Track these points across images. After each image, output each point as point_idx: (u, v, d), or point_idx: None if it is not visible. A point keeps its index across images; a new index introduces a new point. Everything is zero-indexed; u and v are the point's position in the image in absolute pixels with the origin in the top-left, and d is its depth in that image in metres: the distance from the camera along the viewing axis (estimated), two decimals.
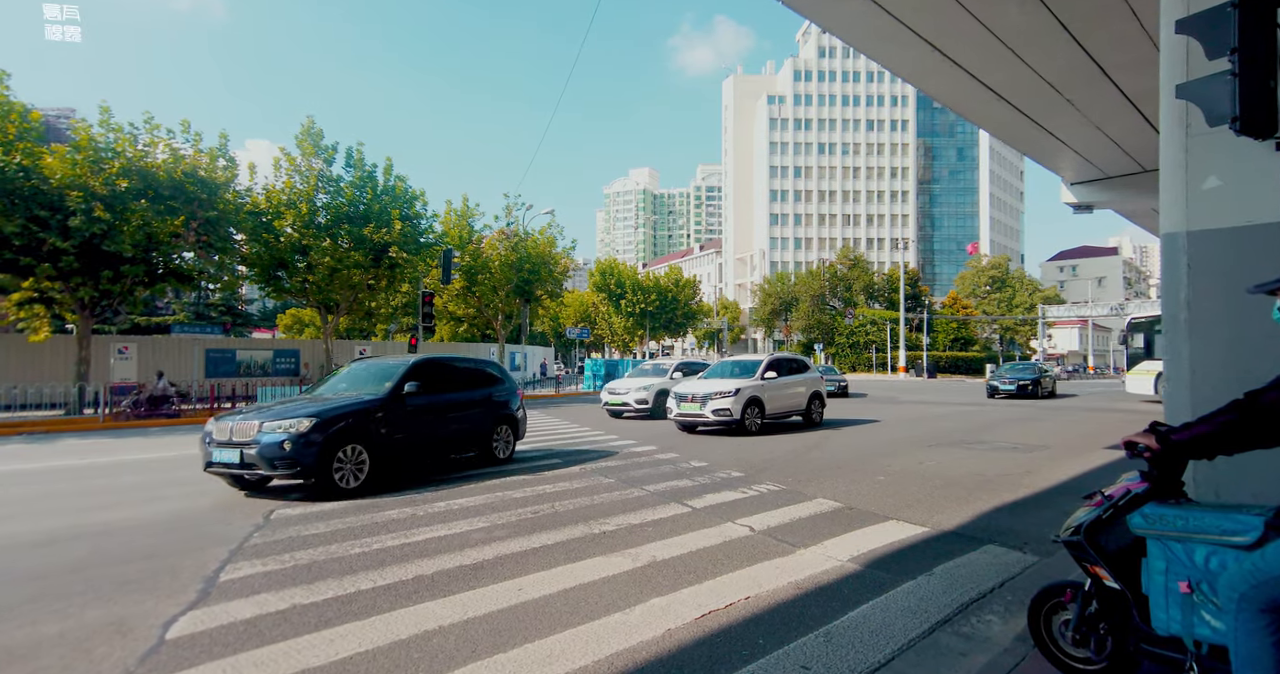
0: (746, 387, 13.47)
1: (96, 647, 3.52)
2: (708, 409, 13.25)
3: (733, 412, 13.07)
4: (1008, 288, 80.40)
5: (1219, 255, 3.94)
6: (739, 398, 13.18)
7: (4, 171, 16.44)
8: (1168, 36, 4.14)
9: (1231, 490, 3.76)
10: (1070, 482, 8.21)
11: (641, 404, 15.52)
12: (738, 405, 13.12)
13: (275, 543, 5.55)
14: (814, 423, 15.01)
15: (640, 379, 15.92)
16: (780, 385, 14.30)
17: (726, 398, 13.18)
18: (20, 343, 21.95)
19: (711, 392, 13.37)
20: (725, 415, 13.14)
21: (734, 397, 13.17)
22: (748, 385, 13.54)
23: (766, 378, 14.00)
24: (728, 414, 13.10)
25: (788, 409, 14.62)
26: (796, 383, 14.84)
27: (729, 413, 13.09)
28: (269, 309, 63.11)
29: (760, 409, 13.60)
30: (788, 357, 15.54)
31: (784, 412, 14.54)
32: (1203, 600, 2.32)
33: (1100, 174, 18.37)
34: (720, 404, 13.18)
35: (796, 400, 14.79)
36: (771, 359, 14.74)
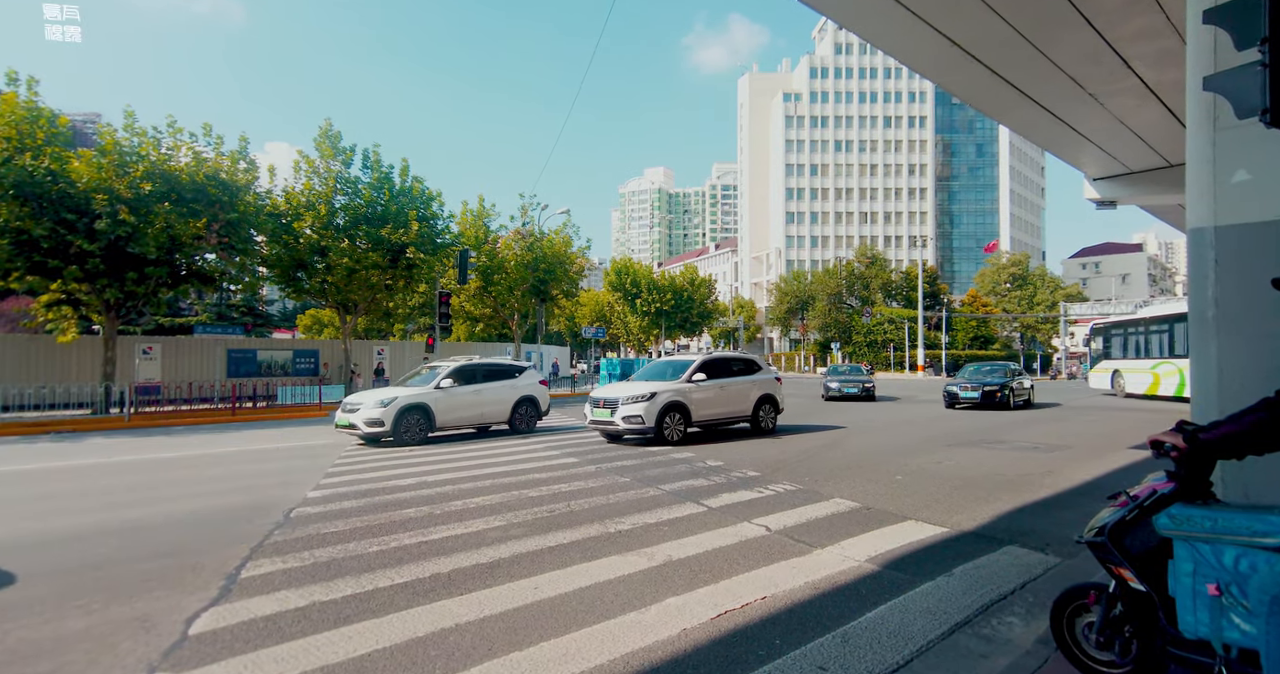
0: (666, 390, 11.96)
1: (121, 642, 3.59)
2: (619, 416, 11.71)
3: (644, 419, 11.55)
4: (1029, 285, 79.20)
5: (1248, 251, 3.84)
6: (654, 403, 11.66)
7: (33, 176, 16.80)
8: (1194, 27, 4.05)
9: (1262, 491, 3.67)
10: (1093, 482, 8.07)
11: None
12: (652, 412, 11.61)
13: (295, 541, 5.61)
14: (764, 430, 13.45)
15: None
16: (714, 388, 12.76)
17: (638, 403, 11.64)
18: (49, 343, 22.42)
19: (623, 396, 11.85)
20: (636, 423, 11.60)
21: (647, 402, 11.64)
22: (668, 389, 12.02)
23: (695, 380, 12.46)
24: (639, 421, 11.58)
25: (727, 415, 13.08)
26: (739, 385, 13.29)
27: (640, 420, 11.56)
28: (289, 310, 64.00)
29: (685, 416, 12.08)
30: (728, 356, 13.89)
31: (721, 418, 12.99)
32: (1232, 603, 2.27)
33: (1124, 169, 18.03)
34: (631, 410, 11.64)
35: (739, 405, 13.21)
36: (704, 359, 13.15)
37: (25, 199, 16.94)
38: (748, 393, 13.39)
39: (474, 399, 13.34)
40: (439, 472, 9.14)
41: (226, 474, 9.29)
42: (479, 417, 13.54)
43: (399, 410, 12.19)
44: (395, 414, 12.14)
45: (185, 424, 17.39)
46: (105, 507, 7.14)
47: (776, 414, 13.85)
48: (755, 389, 13.49)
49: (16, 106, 17.17)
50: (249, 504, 7.21)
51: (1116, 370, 25.31)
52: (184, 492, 8.01)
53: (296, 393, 23.81)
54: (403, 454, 11.07)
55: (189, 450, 12.04)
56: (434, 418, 12.61)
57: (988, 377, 20.47)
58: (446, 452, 11.29)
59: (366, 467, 9.72)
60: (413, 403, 12.37)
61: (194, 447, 12.59)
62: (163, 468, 9.98)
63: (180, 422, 17.69)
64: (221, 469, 9.75)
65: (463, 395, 13.16)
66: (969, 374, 21.38)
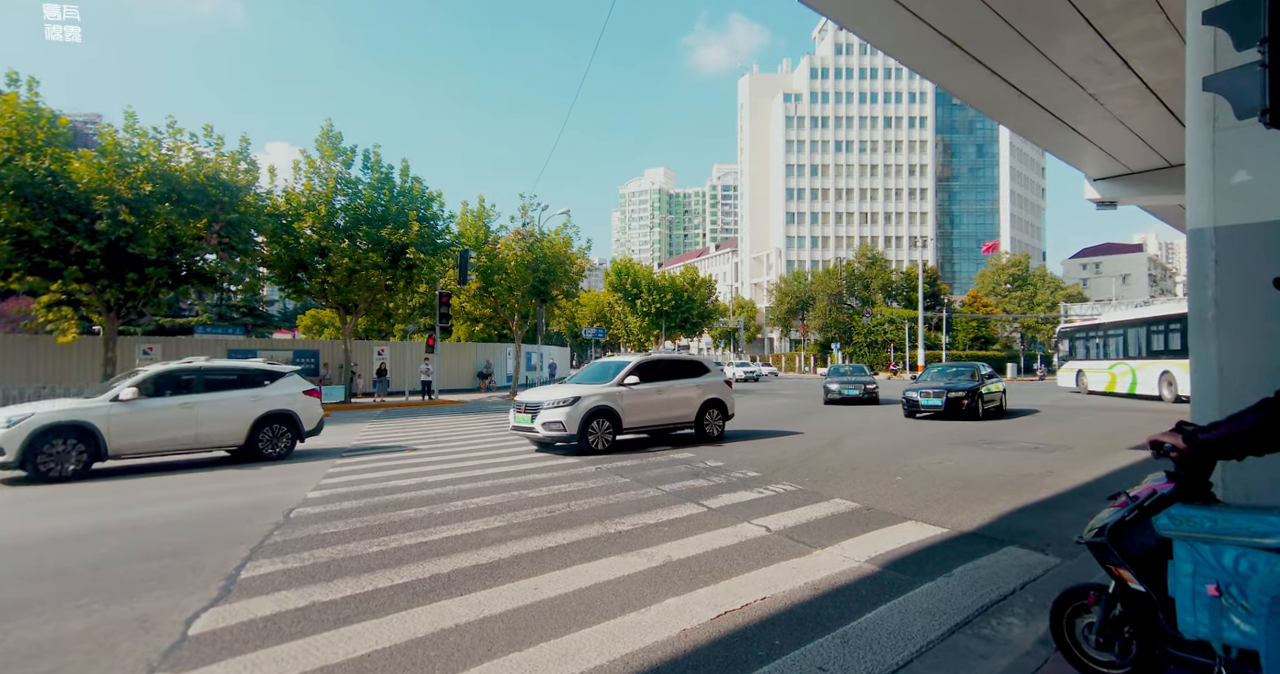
0: (592, 395, 11.05)
1: (121, 642, 3.59)
2: (539, 421, 10.79)
3: (565, 425, 10.62)
4: (1029, 286, 79.17)
5: (1248, 251, 3.84)
6: (577, 408, 10.74)
7: (33, 176, 16.82)
8: (1194, 28, 4.05)
9: (1262, 491, 3.67)
10: (1093, 482, 8.07)
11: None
12: (575, 417, 10.67)
13: (295, 541, 5.61)
14: (709, 438, 12.46)
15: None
16: (650, 392, 11.76)
17: (559, 408, 10.74)
18: (49, 344, 22.45)
19: (545, 400, 10.97)
20: (557, 430, 10.67)
21: (569, 407, 10.74)
22: (594, 393, 11.11)
23: (628, 383, 11.50)
24: (559, 428, 10.64)
25: (666, 420, 12.07)
26: (680, 388, 12.26)
27: (561, 427, 10.63)
28: (289, 310, 64.04)
29: (614, 422, 11.15)
30: (670, 358, 12.87)
31: (658, 424, 12.00)
32: (1232, 604, 2.27)
33: (1124, 169, 18.04)
34: (552, 416, 10.72)
35: (680, 410, 12.19)
36: (640, 361, 12.13)
37: (26, 200, 16.96)
38: (691, 397, 12.40)
39: (178, 417, 9.87)
40: (439, 472, 9.15)
41: (226, 474, 9.29)
42: (193, 439, 10.05)
43: None
44: None
45: None
46: (105, 507, 7.15)
47: (725, 420, 12.89)
48: (700, 393, 12.52)
49: (17, 107, 17.19)
50: (249, 504, 7.22)
51: (1080, 370, 27.51)
52: (183, 492, 8.01)
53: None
54: (403, 455, 11.07)
55: None
56: (103, 443, 9.21)
57: (953, 380, 17.48)
58: (428, 456, 11.28)
59: (367, 467, 9.73)
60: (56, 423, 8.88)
61: None
62: (163, 468, 9.98)
63: None
64: (220, 469, 9.74)
65: (157, 411, 9.74)
66: (932, 377, 18.56)
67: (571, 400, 10.84)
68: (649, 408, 11.79)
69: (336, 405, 23.54)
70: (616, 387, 11.45)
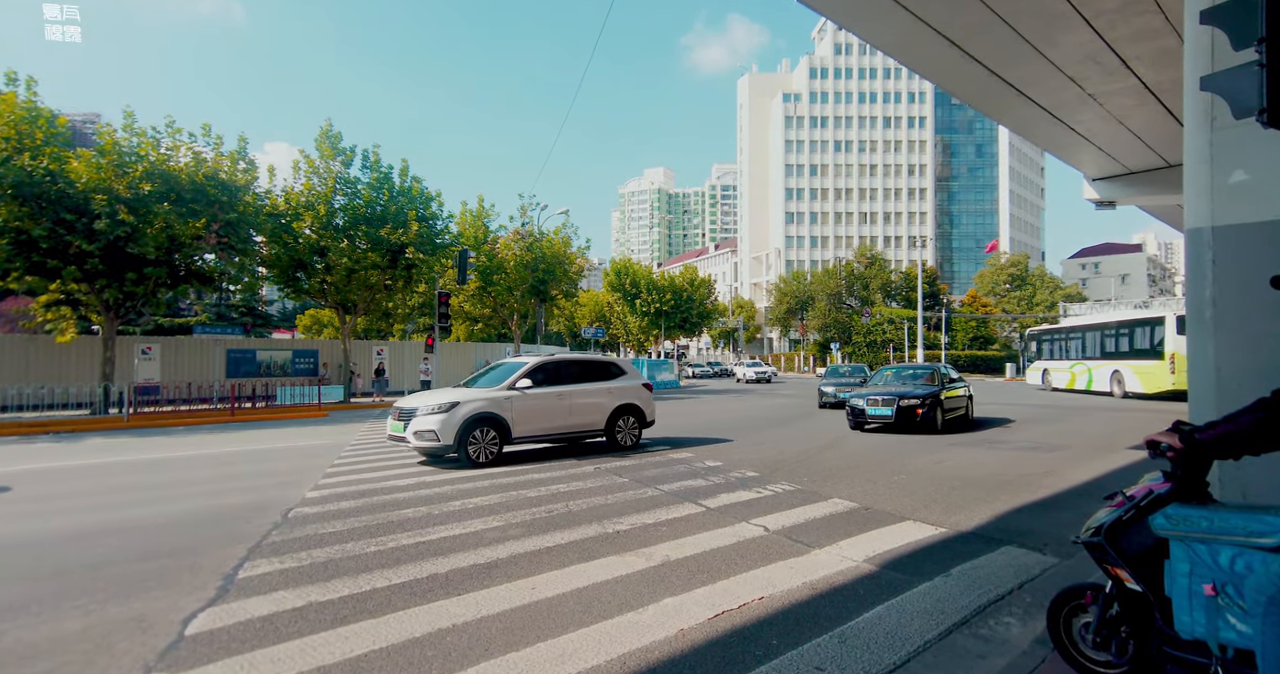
0: (474, 400, 9.79)
1: (118, 642, 3.58)
2: (410, 430, 9.58)
3: (439, 435, 9.37)
4: (1028, 286, 79.26)
5: (1246, 251, 3.85)
6: (454, 416, 9.50)
7: (32, 176, 16.80)
8: (1192, 27, 4.05)
9: (1259, 491, 3.67)
10: (1091, 482, 8.07)
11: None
12: (451, 426, 9.44)
13: (293, 541, 5.61)
14: (621, 447, 11.30)
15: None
16: (548, 397, 10.52)
17: (434, 415, 9.50)
18: (47, 344, 22.42)
19: (421, 406, 9.73)
20: (429, 439, 9.42)
21: (445, 413, 9.49)
22: (477, 399, 9.84)
23: (520, 387, 10.24)
24: (432, 438, 9.41)
25: (569, 428, 10.82)
26: (587, 393, 11.03)
27: (434, 436, 9.40)
28: (288, 310, 64.01)
29: (501, 431, 9.90)
30: (576, 359, 11.58)
31: (558, 432, 10.70)
32: (1228, 603, 2.27)
33: (1123, 169, 18.06)
34: (424, 424, 9.46)
35: (585, 416, 10.98)
36: (539, 362, 10.87)
37: (24, 199, 16.94)
38: (600, 402, 11.19)
39: None
40: (437, 471, 9.14)
41: (224, 474, 9.29)
42: None
43: None
44: None
45: (184, 424, 17.38)
46: (103, 507, 7.14)
47: (642, 427, 11.71)
48: (612, 398, 11.32)
49: (15, 107, 17.18)
50: (247, 504, 7.21)
51: (1045, 369, 30.25)
52: (182, 492, 8.00)
53: (296, 393, 23.82)
54: (402, 454, 11.07)
55: (188, 450, 12.03)
56: None
57: (908, 385, 14.73)
58: None
59: (365, 467, 9.72)
60: None
61: (193, 447, 12.58)
62: (161, 468, 9.98)
63: (179, 422, 17.68)
64: (219, 469, 9.74)
65: None
66: (885, 381, 15.68)
67: (448, 406, 9.62)
68: (546, 414, 10.54)
69: (336, 405, 23.54)
70: (506, 391, 10.20)
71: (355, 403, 25.43)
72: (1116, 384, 23.79)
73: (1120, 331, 24.15)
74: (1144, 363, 22.38)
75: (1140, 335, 22.96)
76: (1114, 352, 24.39)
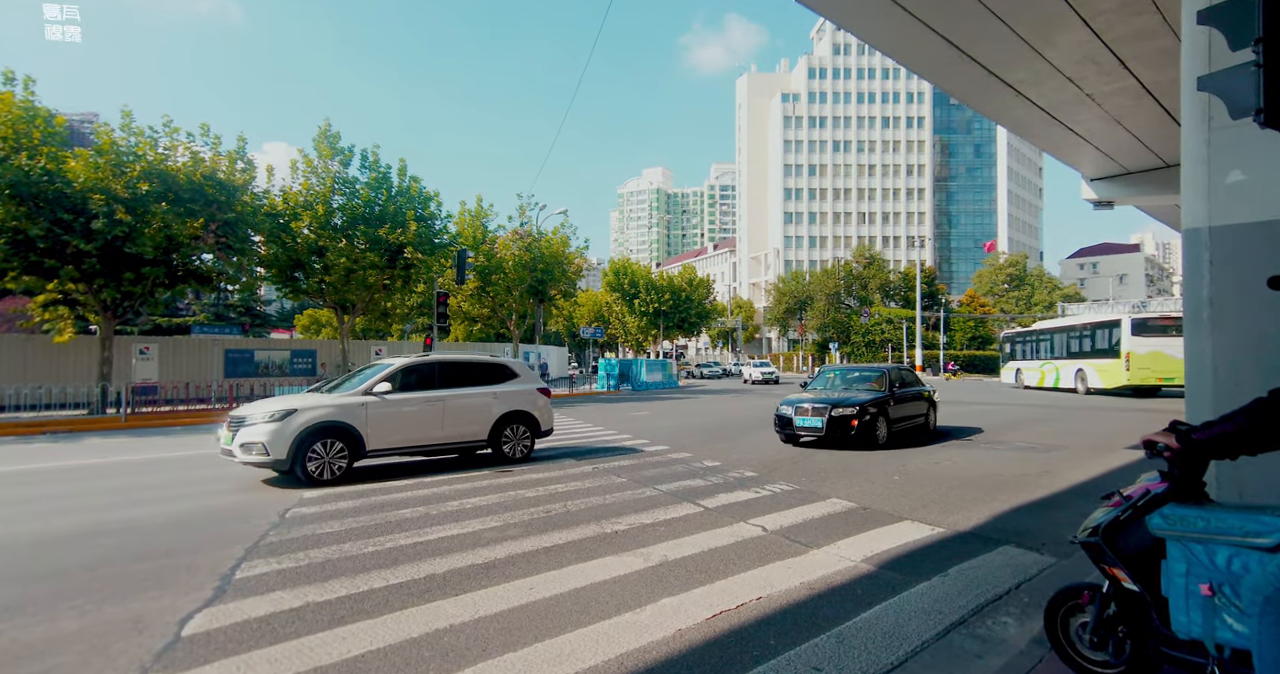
0: (317, 407, 8.46)
1: (114, 643, 3.57)
2: (237, 442, 8.20)
3: (268, 448, 8.00)
4: (1026, 286, 79.36)
5: (1243, 251, 3.85)
6: (289, 425, 8.13)
7: (29, 176, 16.76)
8: (1189, 28, 4.06)
9: (1256, 491, 3.68)
10: (1088, 482, 8.08)
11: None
12: (284, 438, 8.06)
13: (290, 541, 5.60)
14: (507, 459, 9.99)
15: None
16: (414, 403, 9.21)
17: (264, 425, 8.14)
18: (45, 344, 22.38)
19: (249, 415, 8.39)
20: (257, 453, 8.06)
21: (278, 423, 8.12)
22: (321, 406, 8.50)
23: (378, 392, 8.92)
24: (260, 451, 8.03)
25: (442, 439, 9.45)
26: (466, 399, 9.68)
27: (262, 450, 8.01)
28: (286, 310, 63.96)
29: (351, 443, 8.53)
30: (456, 360, 10.11)
31: (429, 443, 9.37)
32: (1225, 603, 2.27)
33: (1121, 169, 18.09)
34: (252, 436, 8.10)
35: (463, 426, 9.62)
36: (405, 364, 9.50)
37: (21, 199, 16.90)
38: (483, 409, 9.87)
39: None
40: (436, 471, 9.13)
41: (222, 475, 9.27)
42: None
43: None
44: None
45: (182, 424, 17.36)
46: (100, 507, 7.12)
47: (534, 436, 10.40)
48: (498, 404, 10.00)
49: (13, 106, 17.13)
50: (245, 504, 7.20)
51: (1019, 369, 32.49)
52: (179, 492, 7.99)
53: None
54: None
55: (185, 451, 12.01)
56: None
57: (851, 389, 12.36)
58: None
59: (364, 466, 9.70)
60: None
61: (190, 447, 12.56)
62: (158, 468, 9.96)
63: (177, 422, 17.66)
64: (217, 469, 9.72)
65: None
66: (827, 384, 13.20)
67: (282, 415, 8.21)
68: (412, 423, 9.20)
69: None
70: (361, 397, 8.87)
71: None
72: (1080, 381, 26.11)
73: (1083, 334, 26.43)
74: (1104, 361, 24.61)
75: (1100, 337, 25.16)
76: (1078, 352, 26.67)
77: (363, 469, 9.37)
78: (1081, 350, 26.48)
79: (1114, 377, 23.89)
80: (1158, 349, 22.69)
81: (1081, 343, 26.55)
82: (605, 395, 30.39)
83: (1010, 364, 33.95)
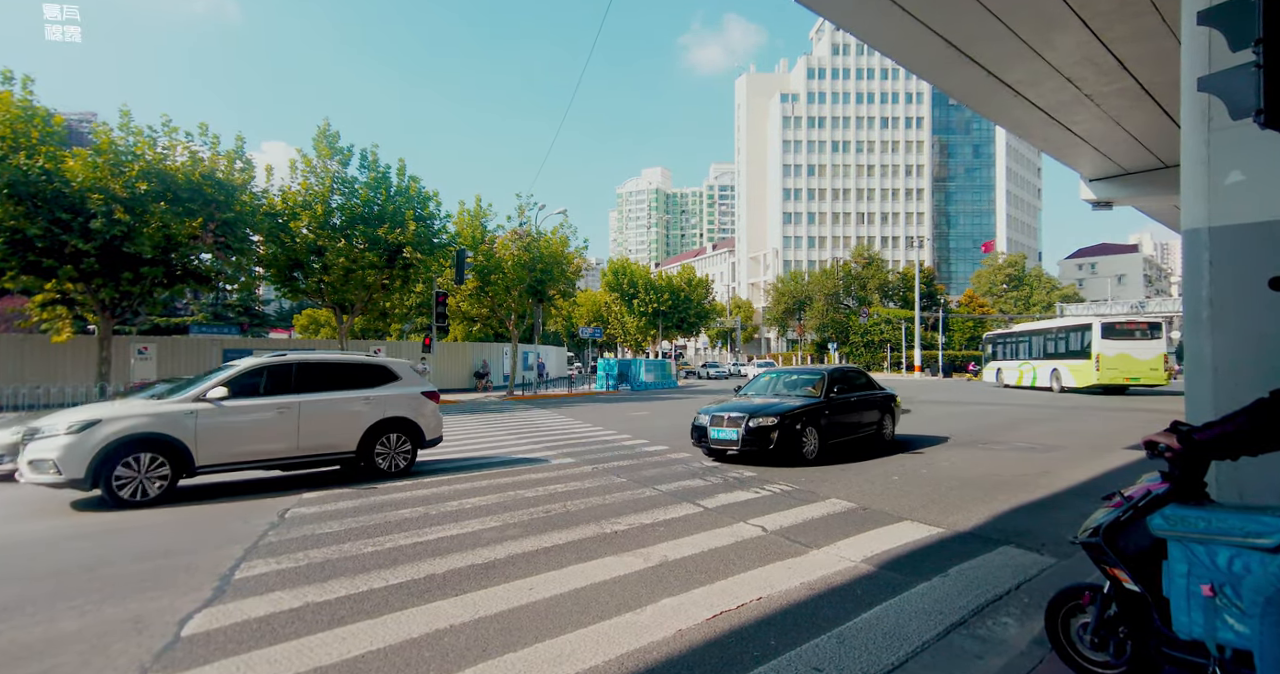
0: (129, 417, 7.28)
1: (113, 643, 3.57)
2: (24, 459, 7.07)
3: (60, 465, 6.81)
4: (1025, 286, 79.47)
5: (1243, 251, 3.85)
6: (88, 439, 6.95)
7: (27, 175, 16.73)
8: (1189, 28, 4.06)
9: (1256, 492, 3.68)
10: (1088, 482, 8.09)
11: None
12: (79, 454, 6.87)
13: (289, 541, 5.59)
14: (385, 473, 8.81)
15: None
16: (256, 410, 7.97)
17: (57, 439, 6.95)
18: (43, 343, 22.33)
19: (44, 426, 7.22)
20: (49, 473, 6.85)
21: (73, 437, 6.94)
22: (137, 415, 7.33)
23: (212, 398, 7.73)
24: (52, 471, 6.83)
25: (299, 451, 8.20)
26: (328, 404, 8.48)
27: (54, 468, 6.82)
28: (285, 309, 63.86)
29: (175, 457, 7.38)
30: (321, 360, 8.87)
31: (281, 456, 8.14)
32: (1226, 604, 2.27)
33: (1120, 170, 18.10)
34: (42, 451, 6.94)
35: (326, 436, 8.41)
36: (255, 364, 8.29)
37: (20, 198, 16.86)
38: (349, 416, 8.64)
39: None
40: (435, 472, 9.12)
41: (220, 475, 9.23)
42: None
43: None
44: None
45: None
46: (100, 506, 7.11)
47: (416, 446, 9.19)
48: (370, 410, 8.77)
49: (11, 105, 17.09)
50: (244, 504, 7.19)
51: (999, 368, 34.38)
52: (177, 492, 7.97)
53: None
54: None
55: None
56: None
57: (783, 395, 10.80)
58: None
59: (363, 466, 9.69)
60: None
61: None
62: None
63: None
64: None
65: None
66: (758, 389, 11.49)
67: (81, 426, 7.01)
68: (256, 434, 7.97)
69: None
70: (191, 403, 7.64)
71: None
72: (1055, 380, 28.04)
73: (1058, 336, 28.45)
74: (1076, 362, 26.63)
75: (1073, 339, 27.13)
76: (1053, 353, 28.68)
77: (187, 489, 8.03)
78: (1056, 352, 28.34)
79: (1085, 376, 25.81)
80: (1125, 351, 24.95)
81: (1056, 345, 28.42)
82: (604, 395, 30.39)
83: (992, 364, 35.89)
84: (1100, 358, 25.06)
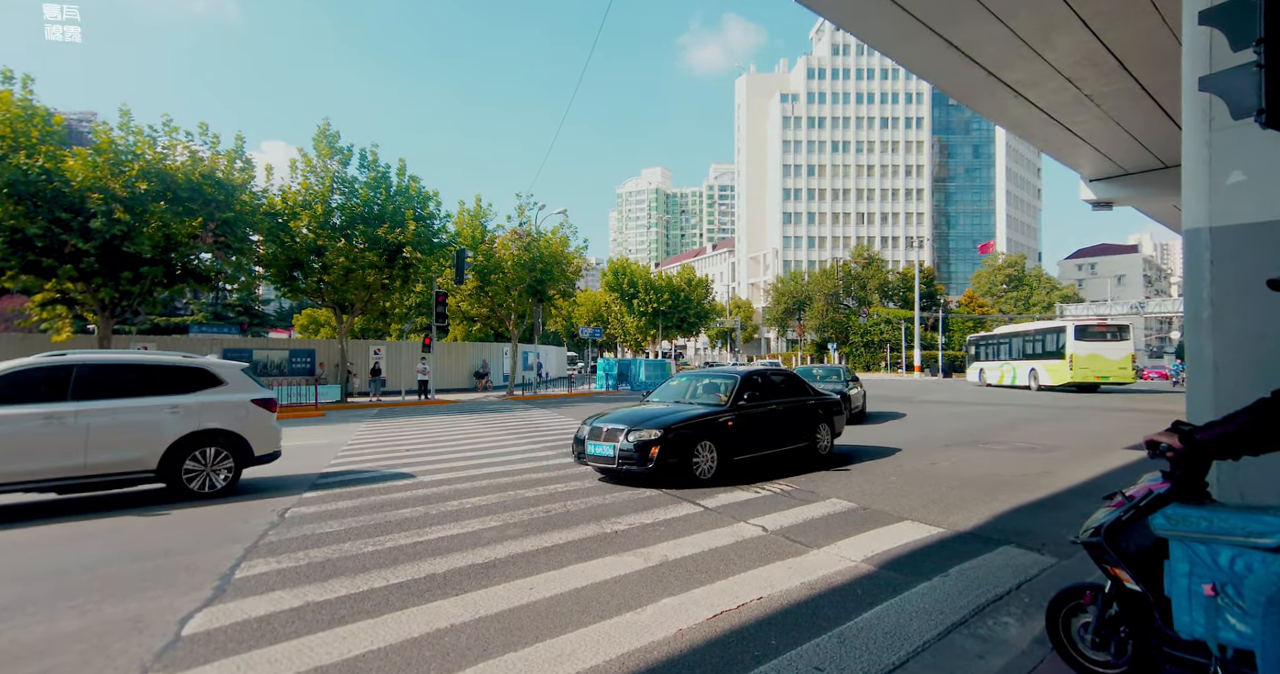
0: None
1: (114, 643, 3.56)
2: None
3: None
4: (1025, 286, 79.48)
5: (1243, 251, 3.85)
6: None
7: (27, 175, 16.73)
8: (1190, 28, 4.06)
9: (1257, 491, 3.68)
10: (1089, 482, 8.08)
11: None
12: None
13: (289, 541, 5.59)
14: (193, 494, 7.51)
15: None
16: (20, 421, 6.64)
17: None
18: (43, 343, 22.31)
19: None
20: None
21: None
22: None
23: None
24: None
25: (81, 471, 6.87)
26: (119, 414, 7.16)
27: None
28: (285, 309, 63.85)
29: None
30: (125, 360, 7.59)
31: (55, 477, 6.77)
32: (1228, 604, 2.27)
33: (1120, 170, 18.11)
34: None
35: (117, 450, 7.08)
36: (11, 368, 6.82)
37: (20, 198, 16.87)
38: (148, 428, 7.32)
39: None
40: (435, 471, 9.12)
41: None
42: None
43: None
44: None
45: None
46: (100, 506, 7.10)
47: (240, 463, 7.90)
48: (178, 421, 7.46)
49: (11, 105, 17.10)
50: (244, 504, 7.18)
51: (981, 369, 36.46)
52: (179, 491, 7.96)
53: (293, 393, 23.77)
54: (397, 454, 11.04)
55: None
56: None
57: (689, 401, 9.38)
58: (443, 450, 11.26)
59: (363, 466, 9.69)
60: None
61: None
62: None
63: None
64: None
65: None
66: (667, 394, 10.00)
67: None
68: (15, 450, 6.61)
69: (332, 405, 23.49)
70: None
71: (352, 402, 25.38)
72: (1033, 379, 29.76)
73: (1036, 338, 30.21)
74: (1052, 362, 28.36)
75: (1049, 340, 28.82)
76: (1031, 353, 30.46)
77: None
78: (1034, 352, 30.12)
79: (1060, 375, 27.58)
80: (1096, 352, 26.68)
81: (1034, 346, 30.23)
82: (604, 395, 30.39)
83: (975, 364, 37.91)
84: (1074, 358, 26.71)
